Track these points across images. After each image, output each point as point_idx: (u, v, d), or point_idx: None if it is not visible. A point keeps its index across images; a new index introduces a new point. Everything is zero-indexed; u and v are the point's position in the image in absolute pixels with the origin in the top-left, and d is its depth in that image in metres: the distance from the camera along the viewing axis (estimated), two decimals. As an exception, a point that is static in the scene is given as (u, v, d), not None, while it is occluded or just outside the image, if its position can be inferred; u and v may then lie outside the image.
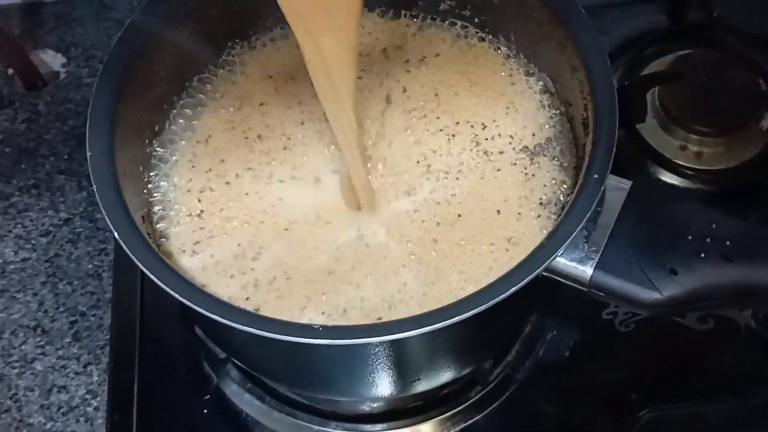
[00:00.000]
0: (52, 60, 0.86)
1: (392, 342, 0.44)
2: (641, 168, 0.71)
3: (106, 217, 0.45)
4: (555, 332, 0.66)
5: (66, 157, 0.79)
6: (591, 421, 0.63)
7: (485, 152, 0.57)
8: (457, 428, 0.63)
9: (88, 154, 0.47)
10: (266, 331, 0.41)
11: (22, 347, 0.70)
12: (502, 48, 0.61)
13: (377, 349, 0.46)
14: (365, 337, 0.42)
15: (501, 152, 0.57)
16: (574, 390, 0.64)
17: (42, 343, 0.70)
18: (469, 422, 0.63)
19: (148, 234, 0.49)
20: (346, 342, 0.41)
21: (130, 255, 0.44)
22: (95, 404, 0.67)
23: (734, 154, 0.71)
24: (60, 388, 0.68)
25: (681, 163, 0.71)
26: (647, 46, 0.77)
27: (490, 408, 0.64)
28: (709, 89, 0.72)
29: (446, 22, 0.63)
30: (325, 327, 0.41)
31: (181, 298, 0.42)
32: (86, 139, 0.48)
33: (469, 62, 0.61)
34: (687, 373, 0.64)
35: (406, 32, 0.64)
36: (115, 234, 0.45)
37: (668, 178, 0.70)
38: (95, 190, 0.46)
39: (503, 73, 0.60)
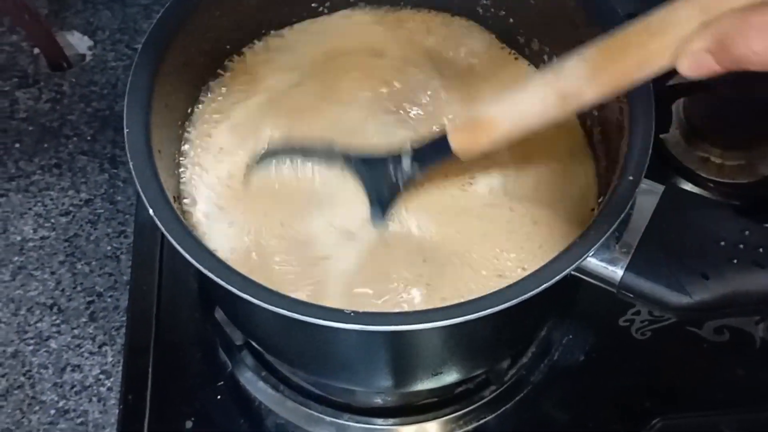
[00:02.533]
0: (78, 42, 0.86)
1: (420, 332, 0.44)
2: (663, 178, 0.71)
3: (142, 194, 0.45)
4: (571, 336, 0.66)
5: (89, 138, 0.80)
6: (603, 427, 0.63)
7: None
8: (469, 427, 0.63)
9: (126, 130, 0.47)
10: (300, 314, 0.41)
11: (38, 325, 0.70)
12: (533, 50, 0.61)
13: (404, 338, 0.46)
14: (396, 325, 0.42)
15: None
16: (587, 395, 0.64)
17: (58, 321, 0.70)
18: (481, 421, 0.63)
19: (180, 215, 0.49)
20: (376, 329, 0.41)
21: (166, 234, 0.44)
22: (108, 384, 0.67)
23: (756, 169, 0.71)
24: (74, 367, 0.68)
25: (702, 174, 0.71)
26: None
27: (503, 409, 0.64)
28: (733, 103, 0.72)
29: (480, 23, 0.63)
30: (356, 312, 0.42)
31: (218, 279, 0.42)
32: (124, 115, 0.48)
33: (500, 64, 0.62)
34: (701, 383, 0.64)
35: (437, 32, 0.64)
36: (151, 211, 0.45)
37: (689, 188, 0.71)
38: (132, 167, 0.46)
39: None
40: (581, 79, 0.42)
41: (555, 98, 0.44)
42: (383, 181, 0.54)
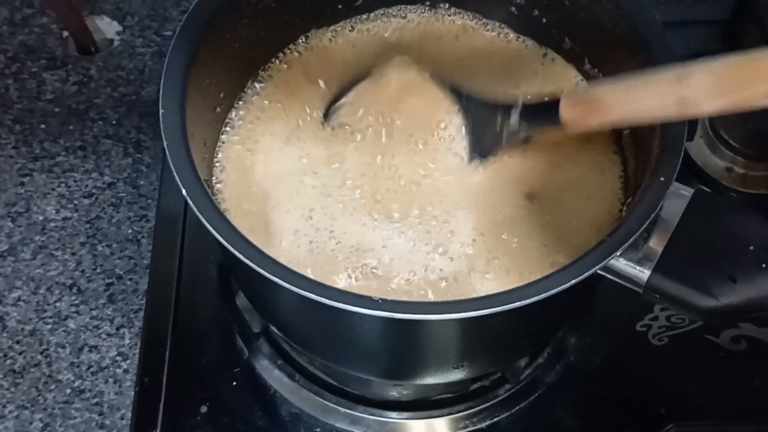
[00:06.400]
0: (107, 27, 0.87)
1: (446, 322, 0.44)
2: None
3: (176, 174, 0.45)
4: (588, 339, 0.66)
5: (114, 122, 0.80)
6: (616, 431, 0.63)
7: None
8: (482, 425, 0.63)
9: (161, 111, 0.48)
10: (329, 299, 0.41)
11: (57, 304, 0.70)
12: (565, 50, 0.61)
13: (430, 327, 0.46)
14: (424, 314, 0.42)
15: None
16: (601, 398, 0.64)
17: (77, 302, 0.70)
18: (494, 420, 0.64)
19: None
20: (404, 317, 0.42)
21: (198, 215, 0.44)
22: (125, 366, 0.67)
23: (779, 181, 0.72)
24: (91, 348, 0.68)
25: (726, 185, 0.71)
26: (699, 68, 0.77)
27: (517, 408, 0.64)
28: (759, 113, 0.72)
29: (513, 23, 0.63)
30: (383, 299, 0.42)
31: (248, 262, 0.42)
32: (160, 96, 0.48)
33: (535, 67, 0.62)
34: (716, 391, 0.64)
35: (468, 31, 0.64)
36: (184, 191, 0.45)
37: (713, 197, 0.71)
38: (165, 146, 0.47)
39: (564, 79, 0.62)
40: (704, 91, 0.43)
41: (672, 101, 0.44)
42: (487, 127, 0.55)
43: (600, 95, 0.50)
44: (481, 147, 0.55)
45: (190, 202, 0.45)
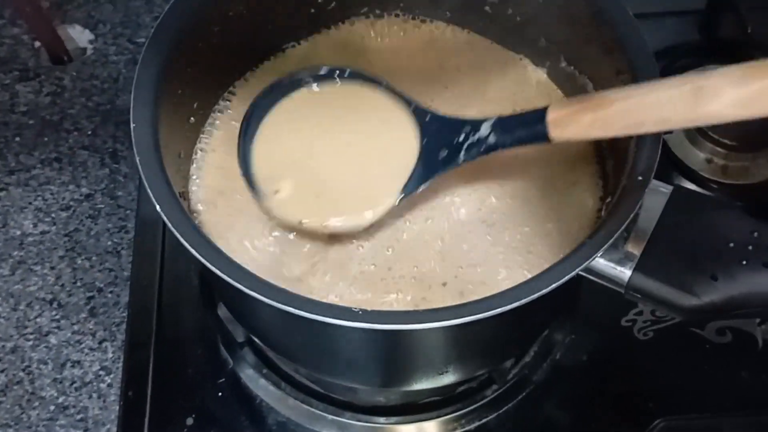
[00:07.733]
0: (79, 36, 0.86)
1: (428, 331, 0.44)
2: (666, 179, 0.71)
3: (149, 189, 0.45)
4: (574, 336, 0.66)
5: (90, 133, 0.79)
6: (605, 428, 0.63)
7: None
8: (470, 426, 0.63)
9: (132, 125, 0.47)
10: (308, 312, 0.41)
11: (38, 320, 0.69)
12: (540, 48, 0.61)
13: (412, 337, 0.46)
14: (405, 324, 0.41)
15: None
16: (589, 394, 0.64)
17: (57, 316, 0.70)
18: (483, 421, 0.63)
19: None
20: (384, 327, 0.41)
21: (173, 230, 0.43)
22: (108, 381, 0.67)
23: (760, 170, 0.71)
24: (74, 363, 0.68)
25: (706, 176, 0.71)
26: (677, 59, 0.77)
27: (505, 408, 0.64)
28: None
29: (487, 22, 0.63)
30: (364, 311, 0.41)
31: (225, 277, 0.42)
32: (131, 110, 0.48)
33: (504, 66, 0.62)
34: (704, 384, 0.64)
35: (438, 35, 0.64)
36: (158, 207, 0.44)
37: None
38: (138, 161, 0.46)
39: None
40: (726, 77, 0.38)
41: (687, 91, 0.39)
42: (446, 141, 0.50)
43: (600, 93, 0.45)
44: (430, 167, 0.51)
45: (164, 217, 0.44)
